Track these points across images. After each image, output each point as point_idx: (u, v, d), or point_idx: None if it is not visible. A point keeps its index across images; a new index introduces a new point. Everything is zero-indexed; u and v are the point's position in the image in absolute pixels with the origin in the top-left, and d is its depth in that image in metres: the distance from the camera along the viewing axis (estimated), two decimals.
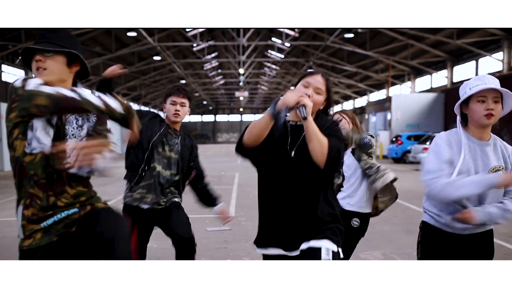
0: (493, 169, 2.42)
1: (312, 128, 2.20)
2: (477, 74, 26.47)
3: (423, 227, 2.69)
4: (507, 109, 2.44)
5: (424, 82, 34.22)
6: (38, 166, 2.02)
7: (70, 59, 2.20)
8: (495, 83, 2.39)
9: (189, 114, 3.69)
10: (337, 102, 54.04)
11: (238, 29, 29.43)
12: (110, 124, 2.24)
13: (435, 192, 2.38)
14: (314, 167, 2.23)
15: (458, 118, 2.51)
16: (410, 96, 31.24)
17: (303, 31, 32.01)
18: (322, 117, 2.40)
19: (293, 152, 2.31)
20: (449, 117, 28.58)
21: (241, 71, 40.42)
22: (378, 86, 40.60)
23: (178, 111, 3.50)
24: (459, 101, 2.47)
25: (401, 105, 29.02)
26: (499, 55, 23.41)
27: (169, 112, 3.52)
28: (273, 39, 36.22)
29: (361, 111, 42.29)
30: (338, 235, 2.32)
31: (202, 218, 7.46)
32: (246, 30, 29.68)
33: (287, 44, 34.51)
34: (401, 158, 24.25)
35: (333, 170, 2.23)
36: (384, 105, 31.56)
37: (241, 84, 50.58)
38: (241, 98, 58.16)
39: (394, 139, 25.53)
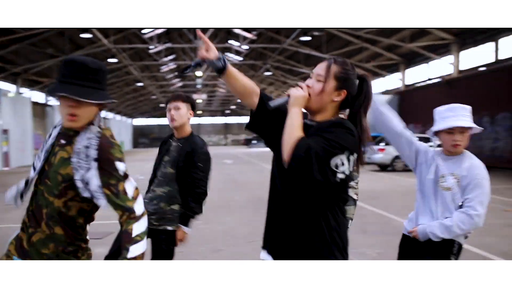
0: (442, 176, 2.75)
1: (290, 120, 1.90)
2: (428, 76, 27.36)
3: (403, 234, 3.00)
4: (475, 131, 2.77)
5: (379, 84, 35.03)
6: None
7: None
8: (464, 115, 2.71)
9: (193, 116, 3.62)
10: None
11: (195, 31, 29.30)
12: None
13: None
14: (310, 184, 1.85)
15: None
16: None
17: (260, 34, 32.19)
18: (337, 120, 1.98)
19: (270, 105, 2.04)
20: (403, 118, 29.22)
21: (199, 73, 40.23)
22: None
23: (173, 115, 3.49)
24: (432, 130, 2.83)
25: None
26: (450, 58, 24.25)
27: (168, 120, 3.55)
28: (231, 41, 36.23)
29: None
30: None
31: None
32: (203, 32, 29.56)
33: (245, 47, 34.59)
34: None
35: (299, 174, 1.79)
36: None
37: (198, 86, 50.31)
38: (199, 101, 57.88)
39: None
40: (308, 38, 27.56)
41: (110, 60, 31.96)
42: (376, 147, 20.39)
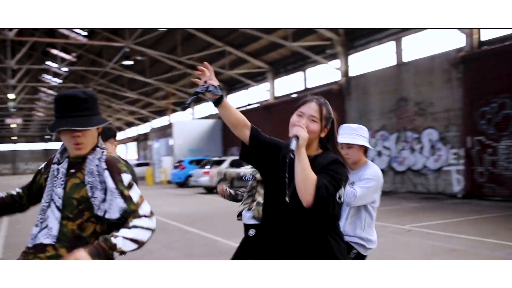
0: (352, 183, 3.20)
1: (301, 163, 2.05)
2: (248, 102, 29.11)
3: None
4: (363, 143, 3.27)
5: (203, 109, 36.11)
6: None
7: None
8: (351, 134, 3.26)
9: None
10: (120, 129, 53.15)
11: (5, 51, 26.87)
12: None
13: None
14: (311, 211, 2.07)
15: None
16: (190, 122, 32.61)
17: (80, 56, 30.89)
18: (326, 153, 2.25)
19: (287, 198, 2.12)
20: (226, 142, 30.66)
21: (12, 96, 36.83)
22: (160, 112, 41.33)
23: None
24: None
25: (183, 131, 30.06)
26: (266, 85, 26.17)
27: None
28: (48, 62, 34.02)
29: (144, 137, 42.40)
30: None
31: None
32: (16, 51, 27.28)
33: (64, 69, 32.78)
34: (184, 183, 25.03)
35: (322, 210, 2.04)
36: (166, 131, 32.25)
37: (12, 110, 45.99)
38: (14, 125, 52.82)
39: (177, 164, 26.26)
40: (131, 62, 27.28)
41: None
42: (201, 170, 20.93)
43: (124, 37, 24.49)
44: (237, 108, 25.43)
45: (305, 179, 2.03)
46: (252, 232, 3.92)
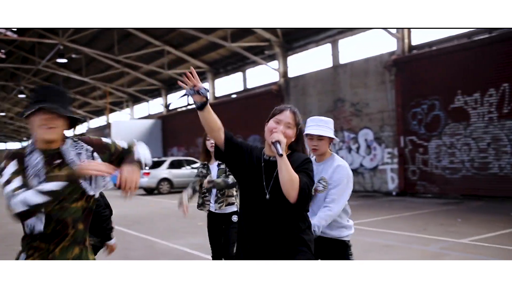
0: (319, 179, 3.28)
1: (286, 165, 2.36)
2: (189, 102, 28.92)
3: None
4: (333, 136, 3.35)
5: (142, 108, 35.47)
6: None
7: (69, 118, 2.34)
8: (321, 126, 3.31)
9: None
10: None
11: None
12: None
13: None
14: (289, 205, 2.40)
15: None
16: (129, 122, 31.94)
17: (10, 52, 29.49)
18: (295, 153, 2.58)
19: (268, 194, 2.50)
20: (166, 142, 30.29)
21: None
22: (98, 112, 40.20)
23: None
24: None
25: (121, 132, 29.39)
26: (206, 85, 25.99)
27: None
28: None
29: None
30: (309, 245, 2.58)
31: None
32: None
33: None
34: None
35: (303, 205, 2.42)
36: (104, 132, 31.44)
37: None
38: None
39: None
40: (65, 61, 26.33)
41: None
42: (141, 171, 20.54)
43: (57, 34, 23.61)
44: (178, 108, 25.20)
45: (291, 179, 2.35)
46: (235, 218, 4.47)
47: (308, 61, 19.24)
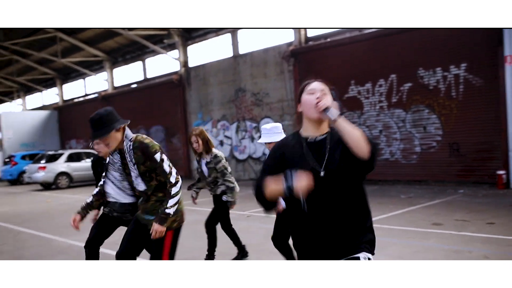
0: None
1: (348, 124, 2.20)
2: (86, 92, 27.77)
3: None
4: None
5: (35, 99, 33.45)
6: None
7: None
8: (270, 133, 4.44)
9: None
10: None
11: None
12: None
13: None
14: (347, 180, 2.27)
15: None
16: (21, 114, 30.08)
17: None
18: (333, 128, 2.37)
19: (322, 172, 2.26)
20: (64, 134, 28.89)
21: None
22: None
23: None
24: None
25: (12, 124, 27.62)
26: (104, 75, 25.21)
27: None
28: None
29: None
30: (373, 245, 2.38)
31: None
32: None
33: None
34: (17, 180, 23.16)
35: (375, 159, 2.23)
36: None
37: None
38: None
39: (7, 160, 24.10)
40: None
41: None
42: (36, 165, 19.49)
43: None
44: (74, 99, 24.09)
45: (359, 134, 2.20)
46: (225, 197, 5.61)
47: (208, 51, 19.31)
